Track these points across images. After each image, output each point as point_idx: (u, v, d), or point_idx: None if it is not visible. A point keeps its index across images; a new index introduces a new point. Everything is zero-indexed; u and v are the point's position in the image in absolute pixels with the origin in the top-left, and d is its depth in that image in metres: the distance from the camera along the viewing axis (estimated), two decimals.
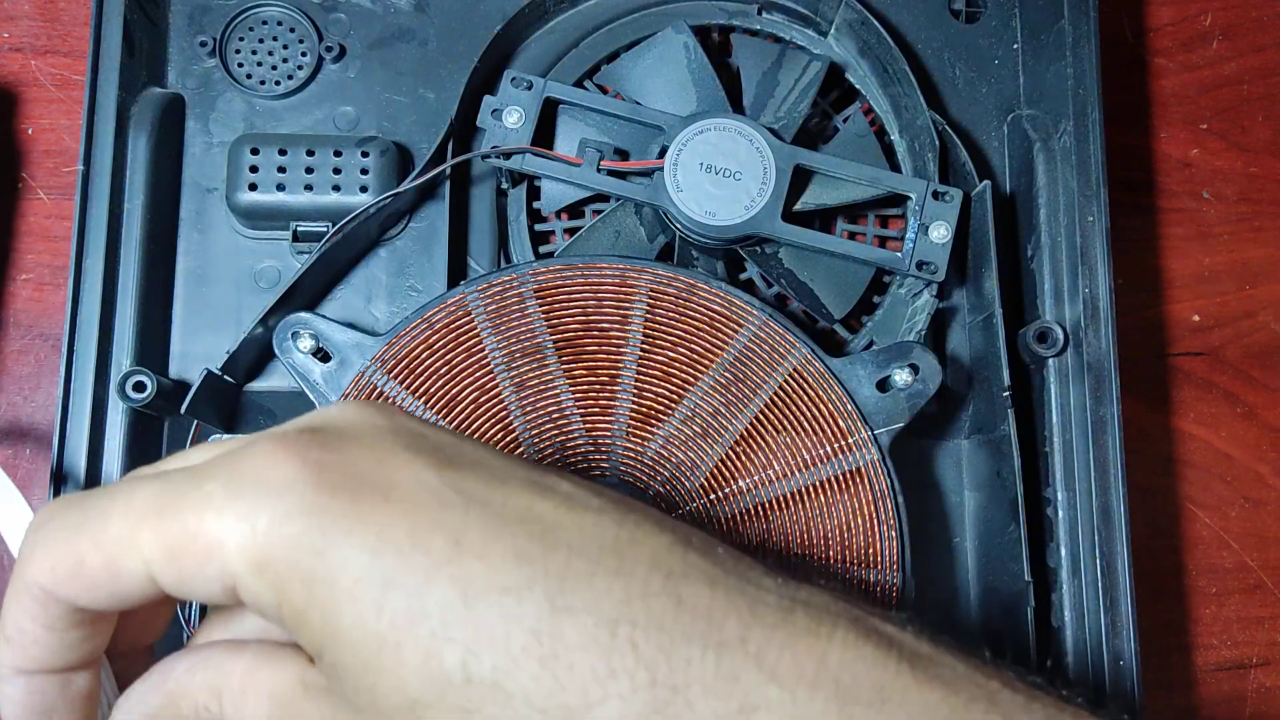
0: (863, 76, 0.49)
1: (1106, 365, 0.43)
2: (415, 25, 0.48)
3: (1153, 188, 0.54)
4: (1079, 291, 0.44)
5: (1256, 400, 0.52)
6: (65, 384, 0.42)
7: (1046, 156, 0.46)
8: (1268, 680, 0.50)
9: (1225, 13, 0.55)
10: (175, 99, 0.46)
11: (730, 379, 0.42)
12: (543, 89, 0.45)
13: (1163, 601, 0.50)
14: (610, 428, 0.41)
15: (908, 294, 0.47)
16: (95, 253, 0.43)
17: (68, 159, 0.50)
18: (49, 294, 0.49)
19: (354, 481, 0.25)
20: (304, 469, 0.25)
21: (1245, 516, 0.51)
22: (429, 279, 0.46)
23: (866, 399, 0.42)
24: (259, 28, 0.48)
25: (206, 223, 0.46)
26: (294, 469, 0.25)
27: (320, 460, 0.25)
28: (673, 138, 0.44)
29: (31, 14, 0.51)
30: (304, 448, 0.26)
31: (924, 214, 0.44)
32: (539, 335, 0.42)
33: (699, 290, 0.42)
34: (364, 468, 0.26)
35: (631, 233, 0.46)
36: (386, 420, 0.27)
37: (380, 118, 0.47)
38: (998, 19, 0.49)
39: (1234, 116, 0.55)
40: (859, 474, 0.41)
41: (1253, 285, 0.53)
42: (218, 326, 0.45)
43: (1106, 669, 0.41)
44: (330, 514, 0.25)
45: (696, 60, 0.47)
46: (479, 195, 0.48)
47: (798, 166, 0.44)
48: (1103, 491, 0.42)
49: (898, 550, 0.40)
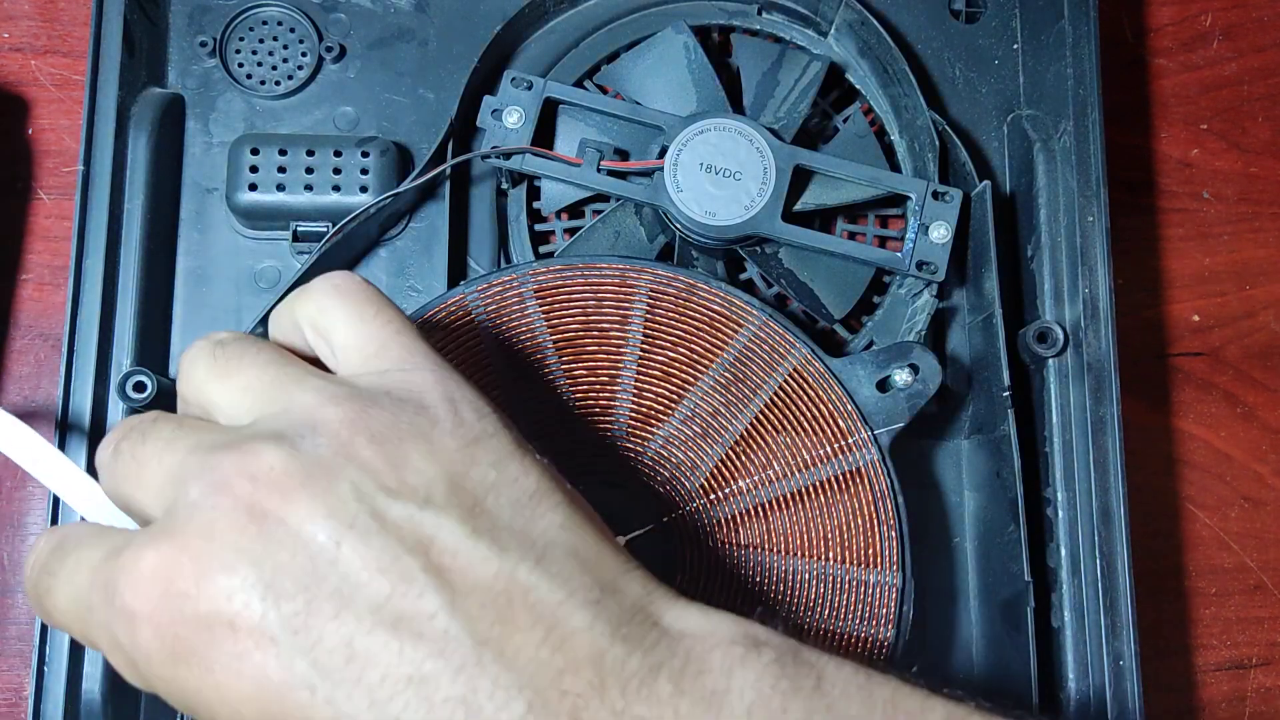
0: (863, 76, 0.49)
1: (1106, 365, 0.43)
2: (415, 25, 0.48)
3: (1153, 188, 0.54)
4: (1079, 291, 0.44)
5: (1256, 400, 0.52)
6: (65, 384, 0.42)
7: (1046, 156, 0.46)
8: (1268, 680, 0.50)
9: (1225, 13, 0.55)
10: (175, 99, 0.46)
11: (730, 379, 0.42)
12: (543, 89, 0.45)
13: (1162, 602, 0.50)
14: (610, 428, 0.41)
15: (908, 294, 0.47)
16: (95, 253, 0.43)
17: (68, 159, 0.50)
18: (49, 294, 0.49)
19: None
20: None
21: (1245, 517, 0.51)
22: (429, 279, 0.46)
23: (866, 399, 0.42)
24: (259, 28, 0.48)
25: (206, 223, 0.46)
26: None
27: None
28: (673, 138, 0.44)
29: (31, 14, 0.51)
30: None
31: (924, 214, 0.44)
32: (539, 335, 0.42)
33: (699, 290, 0.42)
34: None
35: (631, 233, 0.46)
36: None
37: (380, 118, 0.47)
38: (998, 19, 0.49)
39: (1234, 116, 0.55)
40: (859, 474, 0.41)
41: (1253, 285, 0.53)
42: (218, 326, 0.45)
43: (1106, 669, 0.41)
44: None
45: (696, 60, 0.47)
46: (479, 195, 0.48)
47: (798, 166, 0.44)
48: (1103, 491, 0.42)
49: (898, 550, 0.40)
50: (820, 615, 0.40)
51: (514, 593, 0.26)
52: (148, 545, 0.27)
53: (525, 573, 0.26)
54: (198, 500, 0.27)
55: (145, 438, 0.30)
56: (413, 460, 0.27)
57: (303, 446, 0.27)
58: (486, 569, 0.26)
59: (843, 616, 0.40)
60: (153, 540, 0.27)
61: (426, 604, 0.26)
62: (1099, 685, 0.41)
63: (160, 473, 0.29)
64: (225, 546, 0.26)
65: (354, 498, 0.26)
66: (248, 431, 0.28)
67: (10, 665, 0.47)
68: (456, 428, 0.28)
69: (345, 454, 0.27)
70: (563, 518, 0.28)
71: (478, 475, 0.28)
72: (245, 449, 0.27)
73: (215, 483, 0.27)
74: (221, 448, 0.27)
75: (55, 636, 0.40)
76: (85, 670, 0.40)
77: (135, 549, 0.27)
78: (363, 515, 0.26)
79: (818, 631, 0.40)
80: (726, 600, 0.40)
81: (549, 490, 0.28)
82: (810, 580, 0.40)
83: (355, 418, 0.28)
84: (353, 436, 0.27)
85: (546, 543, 0.27)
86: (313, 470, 0.27)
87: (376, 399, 0.28)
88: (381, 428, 0.28)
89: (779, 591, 0.40)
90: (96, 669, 0.40)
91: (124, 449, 0.30)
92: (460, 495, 0.27)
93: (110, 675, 0.40)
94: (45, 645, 0.40)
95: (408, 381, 0.29)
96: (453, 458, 0.28)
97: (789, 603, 0.40)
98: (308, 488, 0.26)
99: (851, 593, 0.40)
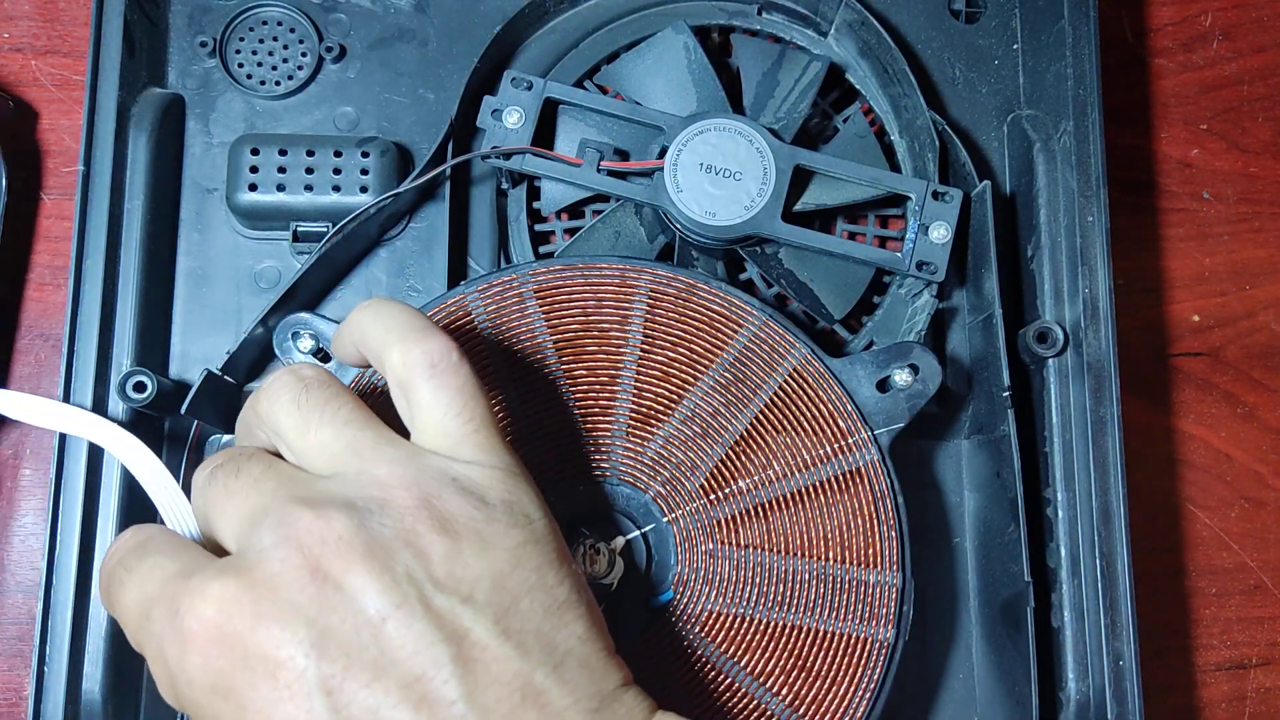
0: (863, 76, 0.49)
1: (1106, 365, 0.43)
2: (415, 25, 0.48)
3: (1153, 188, 0.54)
4: (1079, 291, 0.44)
5: (1256, 401, 0.52)
6: (66, 384, 0.42)
7: (1046, 156, 0.46)
8: (1267, 680, 0.50)
9: (1225, 13, 0.55)
10: (175, 99, 0.46)
11: (730, 379, 0.42)
12: (543, 89, 0.45)
13: (1162, 602, 0.50)
14: (610, 428, 0.41)
15: (908, 294, 0.47)
16: (95, 253, 0.43)
17: (68, 159, 0.50)
18: (49, 294, 0.49)
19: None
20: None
21: (1245, 517, 0.51)
22: (429, 279, 0.46)
23: (866, 399, 0.42)
24: (259, 28, 0.48)
25: (207, 223, 0.46)
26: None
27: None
28: (673, 138, 0.44)
29: (31, 14, 0.51)
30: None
31: (924, 214, 0.44)
32: (539, 335, 0.42)
33: (699, 290, 0.42)
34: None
35: (631, 233, 0.46)
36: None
37: (380, 118, 0.47)
38: (998, 19, 0.49)
39: (1234, 117, 0.55)
40: (859, 474, 0.41)
41: (1253, 285, 0.53)
42: (218, 327, 0.46)
43: (1106, 669, 0.41)
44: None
45: (696, 60, 0.47)
46: (479, 195, 0.48)
47: (798, 167, 0.44)
48: (1102, 492, 0.42)
49: (898, 550, 0.40)
50: (820, 615, 0.40)
51: (528, 693, 0.28)
52: (217, 577, 0.29)
53: (542, 677, 0.29)
54: (269, 548, 0.29)
55: (239, 472, 0.31)
56: (464, 554, 0.29)
57: (370, 522, 0.29)
58: (508, 667, 0.28)
59: (843, 616, 0.40)
60: (222, 574, 0.29)
61: (449, 691, 0.28)
62: (1099, 685, 0.41)
63: (245, 508, 0.31)
64: (285, 599, 0.28)
65: (407, 580, 0.29)
66: (323, 492, 0.30)
67: (10, 665, 0.47)
68: (510, 529, 0.30)
69: (406, 538, 0.29)
70: (583, 629, 0.30)
71: (520, 577, 0.30)
72: (320, 512, 0.29)
73: (288, 537, 0.29)
74: (300, 503, 0.30)
75: (55, 636, 0.40)
76: (85, 670, 0.40)
77: (207, 576, 0.29)
78: (411, 598, 0.28)
79: (818, 631, 0.40)
80: (727, 600, 0.40)
81: (575, 602, 0.31)
82: (810, 580, 0.40)
83: (420, 505, 0.30)
84: (415, 524, 0.29)
85: (565, 651, 0.30)
86: (374, 547, 0.29)
87: (444, 487, 0.30)
88: (443, 519, 0.30)
89: (779, 591, 0.40)
90: (97, 669, 0.40)
91: (218, 477, 0.32)
92: (500, 595, 0.29)
93: (110, 675, 0.40)
94: (45, 645, 0.40)
95: (476, 476, 0.31)
96: (501, 557, 0.30)
97: (789, 603, 0.40)
98: (368, 562, 0.28)
99: (851, 593, 0.40)
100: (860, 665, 0.39)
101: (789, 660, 0.40)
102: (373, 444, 0.31)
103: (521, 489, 0.32)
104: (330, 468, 0.31)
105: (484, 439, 0.32)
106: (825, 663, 0.40)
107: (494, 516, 0.30)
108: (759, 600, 0.40)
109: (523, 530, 0.31)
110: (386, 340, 0.33)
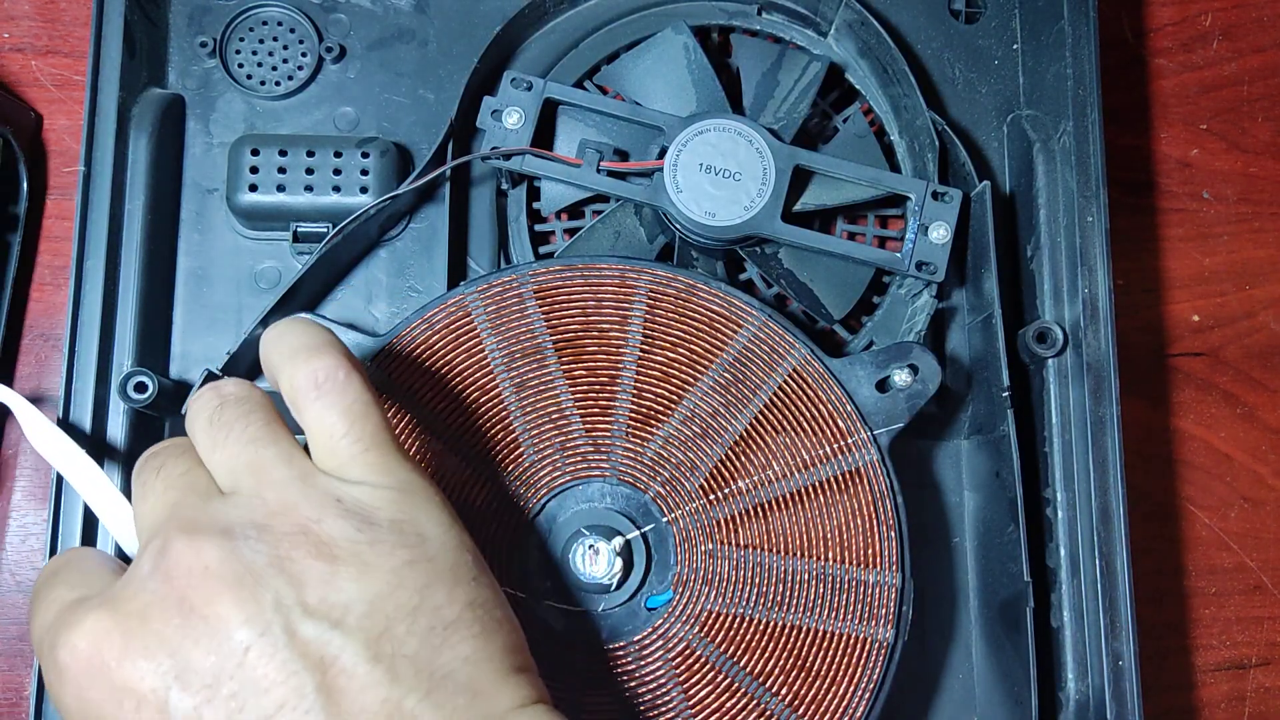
0: (863, 77, 0.49)
1: (1106, 365, 0.43)
2: (415, 25, 0.48)
3: (1153, 188, 0.54)
4: (1078, 292, 0.44)
5: (1256, 401, 0.52)
6: (66, 384, 0.42)
7: (1046, 157, 0.46)
8: (1267, 680, 0.50)
9: (1225, 13, 0.55)
10: (175, 99, 0.46)
11: (730, 379, 0.42)
12: (542, 90, 0.45)
13: (1162, 602, 0.50)
14: (610, 428, 0.42)
15: (907, 294, 0.47)
16: (96, 253, 0.43)
17: (68, 159, 0.50)
18: (50, 294, 0.49)
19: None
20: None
21: (1245, 517, 0.51)
22: (429, 279, 0.46)
23: (866, 399, 0.42)
24: (259, 28, 0.48)
25: (207, 223, 0.46)
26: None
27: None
28: (672, 138, 0.44)
29: (31, 14, 0.51)
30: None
31: (923, 214, 0.44)
32: (539, 336, 0.42)
33: (698, 291, 0.42)
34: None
35: (631, 233, 0.46)
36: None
37: (380, 118, 0.47)
38: (998, 19, 0.49)
39: (1234, 117, 0.55)
40: (858, 474, 0.41)
41: (1253, 285, 0.53)
42: (218, 327, 0.46)
43: (1106, 669, 0.41)
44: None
45: (696, 61, 0.47)
46: (479, 196, 0.48)
47: (797, 167, 0.44)
48: (1102, 492, 0.42)
49: (897, 550, 0.40)
50: (820, 615, 0.40)
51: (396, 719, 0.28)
52: (94, 610, 0.29)
53: (414, 702, 0.28)
54: (146, 577, 0.29)
55: (160, 470, 0.32)
56: (340, 579, 0.29)
57: (244, 549, 0.29)
58: (376, 694, 0.28)
59: (842, 616, 0.40)
60: (100, 606, 0.29)
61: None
62: (1099, 685, 0.41)
63: (149, 516, 0.31)
64: (152, 631, 0.28)
65: (274, 608, 0.28)
66: (209, 515, 0.30)
67: (10, 665, 0.47)
68: (395, 549, 0.30)
69: (280, 565, 0.29)
70: (471, 649, 0.29)
71: (399, 599, 0.29)
72: (193, 540, 0.29)
73: (160, 566, 0.29)
74: (181, 529, 0.30)
75: None
76: None
77: (84, 610, 0.29)
78: (275, 626, 0.28)
79: (818, 631, 0.40)
80: (726, 600, 0.40)
81: (467, 621, 0.30)
82: (810, 580, 0.40)
83: (298, 531, 0.30)
84: (291, 550, 0.29)
85: (444, 675, 0.29)
86: (244, 576, 0.29)
87: (326, 510, 0.30)
88: (320, 543, 0.29)
89: (778, 591, 0.40)
90: None
91: (147, 467, 0.32)
92: (374, 619, 0.29)
93: None
94: None
95: (364, 497, 0.31)
96: (381, 579, 0.29)
97: (789, 603, 0.40)
98: (235, 591, 0.28)
99: (851, 593, 0.40)
100: (860, 665, 0.40)
101: (789, 660, 0.40)
102: (270, 464, 0.31)
103: (417, 507, 0.31)
104: (231, 485, 0.31)
105: (374, 458, 0.32)
106: (825, 663, 0.40)
107: (378, 538, 0.30)
108: (758, 600, 0.40)
109: (410, 550, 0.30)
110: (279, 363, 0.33)
